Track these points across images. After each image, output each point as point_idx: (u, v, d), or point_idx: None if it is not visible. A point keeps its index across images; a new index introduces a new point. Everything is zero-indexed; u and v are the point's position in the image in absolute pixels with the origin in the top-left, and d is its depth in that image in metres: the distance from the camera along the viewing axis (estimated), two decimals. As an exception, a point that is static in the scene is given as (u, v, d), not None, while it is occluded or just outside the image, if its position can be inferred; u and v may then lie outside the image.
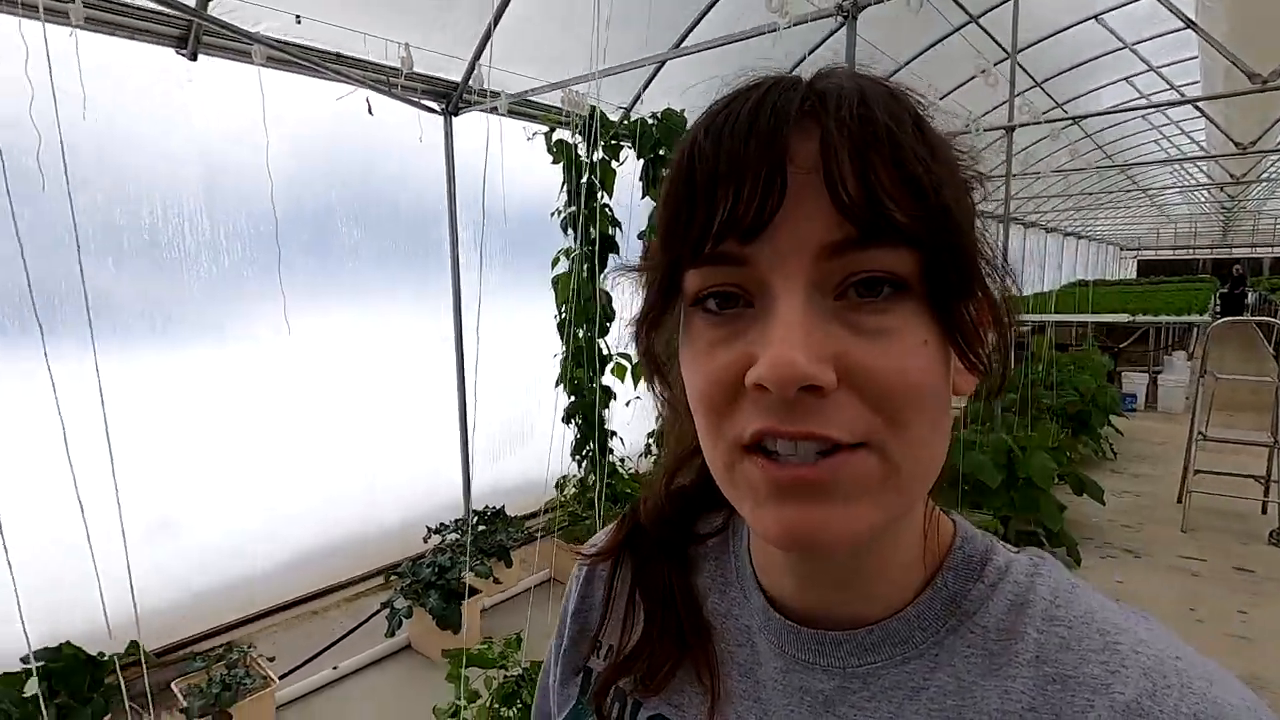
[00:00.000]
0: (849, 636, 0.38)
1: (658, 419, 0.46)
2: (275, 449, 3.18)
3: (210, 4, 2.54)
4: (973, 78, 4.18)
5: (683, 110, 3.40)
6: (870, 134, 0.31)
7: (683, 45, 3.63)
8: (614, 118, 3.48)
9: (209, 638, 2.88)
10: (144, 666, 2.01)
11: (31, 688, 2.22)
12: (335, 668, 2.84)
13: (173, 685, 2.40)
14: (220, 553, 3.04)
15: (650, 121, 3.33)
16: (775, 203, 0.31)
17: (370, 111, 2.96)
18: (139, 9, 2.48)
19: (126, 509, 1.85)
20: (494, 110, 3.30)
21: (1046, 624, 0.35)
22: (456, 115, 3.47)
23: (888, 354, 0.31)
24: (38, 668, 2.24)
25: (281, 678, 2.54)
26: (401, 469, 3.67)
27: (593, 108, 3.06)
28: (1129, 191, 10.50)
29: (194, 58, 2.69)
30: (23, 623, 1.64)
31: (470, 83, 3.30)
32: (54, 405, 1.61)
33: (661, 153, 3.36)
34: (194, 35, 2.63)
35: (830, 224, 0.31)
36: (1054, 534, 3.73)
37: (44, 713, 2.16)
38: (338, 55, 2.91)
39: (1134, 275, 25.29)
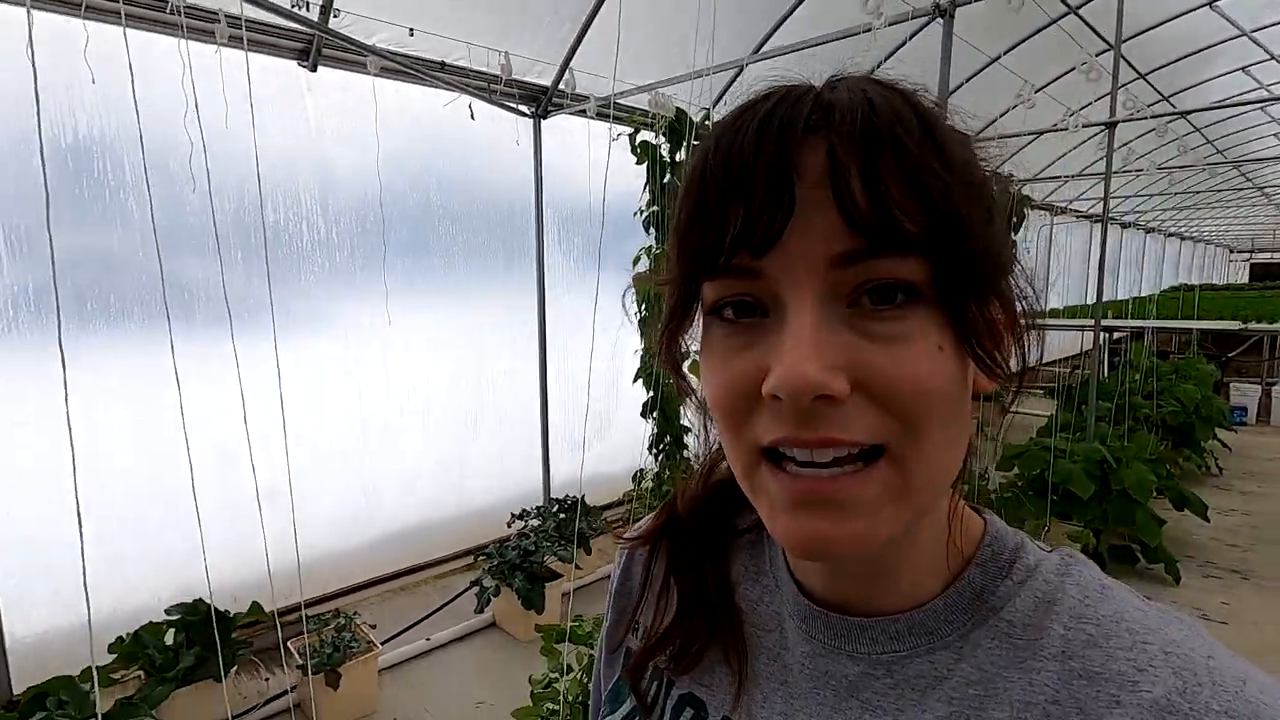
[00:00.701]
0: (875, 624, 0.39)
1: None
2: (375, 432, 3.41)
3: (331, 19, 2.75)
4: (1071, 70, 4.01)
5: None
6: (877, 144, 0.31)
7: (764, 50, 3.65)
8: (696, 118, 3.54)
9: (316, 604, 3.11)
10: (278, 623, 2.22)
11: (170, 638, 2.48)
12: (428, 639, 3.03)
13: (289, 644, 2.62)
14: (326, 527, 3.28)
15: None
16: (784, 218, 0.31)
17: (472, 116, 3.13)
18: (270, 26, 2.71)
19: (248, 484, 2.04)
20: (582, 113, 3.42)
21: (1074, 621, 0.35)
22: (545, 118, 3.61)
23: (901, 360, 0.32)
24: (176, 620, 2.51)
25: (382, 644, 2.73)
26: (488, 456, 3.85)
27: (679, 110, 3.13)
28: (1242, 190, 9.76)
29: (314, 69, 2.92)
30: (190, 582, 1.83)
31: (561, 86, 3.42)
32: (176, 387, 1.80)
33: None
34: (315, 48, 2.86)
35: (840, 235, 0.31)
36: (1151, 550, 3.55)
37: (181, 660, 2.42)
38: (443, 64, 3.09)
39: (1245, 279, 23.40)
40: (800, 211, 0.31)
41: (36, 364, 2.45)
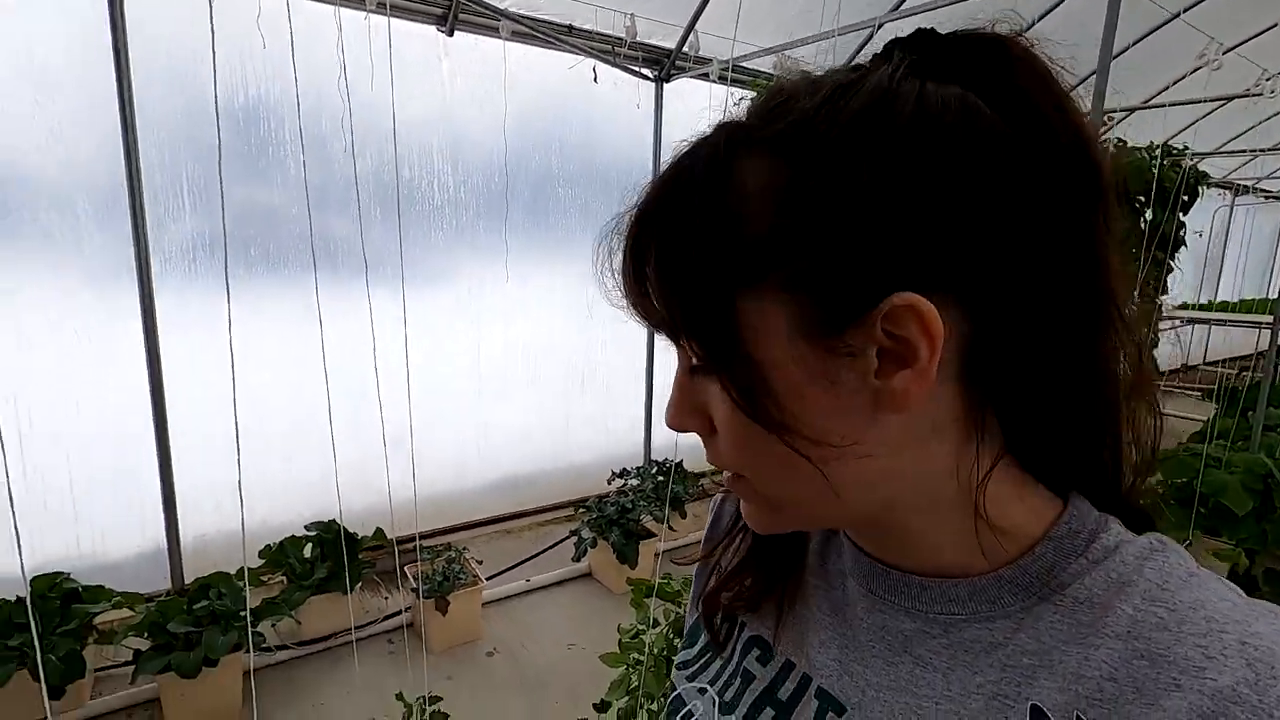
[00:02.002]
0: (935, 584, 0.40)
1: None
2: (492, 383, 3.61)
3: (469, -16, 2.86)
4: (1275, 26, 3.48)
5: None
6: (627, 262, 0.39)
7: (903, 7, 3.41)
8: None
9: (431, 537, 3.38)
10: (396, 550, 2.43)
11: (308, 551, 2.79)
12: (528, 580, 3.22)
13: (406, 569, 2.88)
14: (444, 468, 3.54)
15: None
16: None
17: (595, 80, 3.17)
18: (414, -8, 2.86)
19: (379, 423, 2.23)
20: (704, 76, 3.37)
21: (1146, 603, 0.34)
22: (668, 82, 3.59)
23: (715, 412, 0.39)
24: (313, 536, 2.81)
25: (487, 579, 2.93)
26: (593, 414, 3.98)
27: (804, 73, 3.01)
28: None
29: (451, 33, 3.06)
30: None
31: (685, 50, 3.39)
32: (320, 331, 1.98)
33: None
34: (453, 13, 2.98)
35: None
36: (1319, 579, 3.14)
37: (316, 571, 2.71)
38: (570, 27, 3.14)
39: None
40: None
41: (209, 303, 2.79)
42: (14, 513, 1.24)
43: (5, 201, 2.45)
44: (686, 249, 0.35)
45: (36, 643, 1.18)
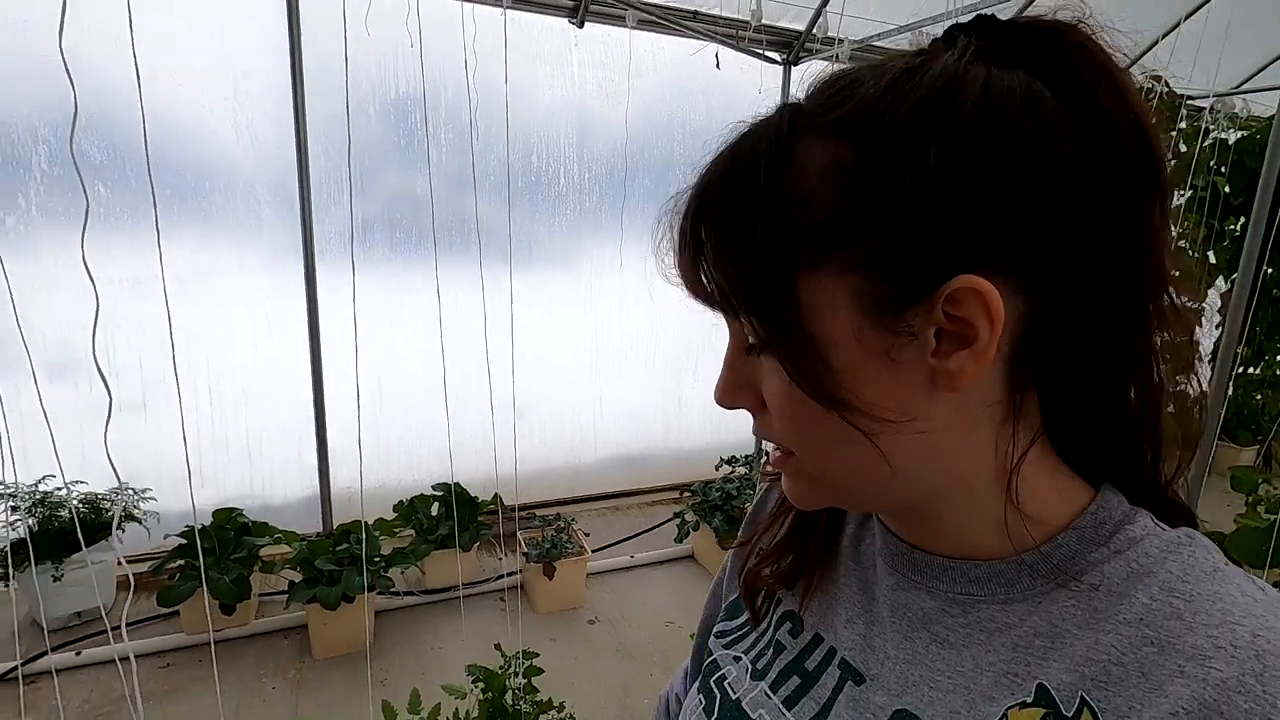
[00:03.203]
0: (956, 564, 0.41)
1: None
2: (607, 365, 3.74)
3: (598, -24, 2.95)
4: None
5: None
6: (686, 239, 0.39)
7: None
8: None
9: (543, 507, 3.57)
10: (515, 516, 2.59)
11: (435, 509, 3.05)
12: (631, 556, 3.32)
13: (518, 534, 3.07)
14: (559, 443, 3.72)
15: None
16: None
17: (718, 66, 3.16)
18: (547, -14, 2.99)
19: (498, 398, 2.38)
20: (834, 58, 3.25)
21: (1163, 593, 0.34)
22: (796, 65, 3.51)
23: (768, 390, 0.39)
24: (439, 496, 3.07)
25: (593, 551, 3.06)
26: (704, 400, 4.01)
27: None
28: None
29: (581, 25, 3.17)
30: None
31: (814, 30, 3.29)
32: (437, 311, 2.14)
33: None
34: (584, 5, 3.09)
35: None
36: None
37: (439, 528, 2.96)
38: (694, 13, 3.15)
39: None
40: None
41: (362, 279, 3.10)
42: (188, 460, 1.47)
43: (208, 187, 2.86)
44: (749, 226, 0.35)
45: (202, 566, 1.39)
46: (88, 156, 2.65)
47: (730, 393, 0.42)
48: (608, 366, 3.76)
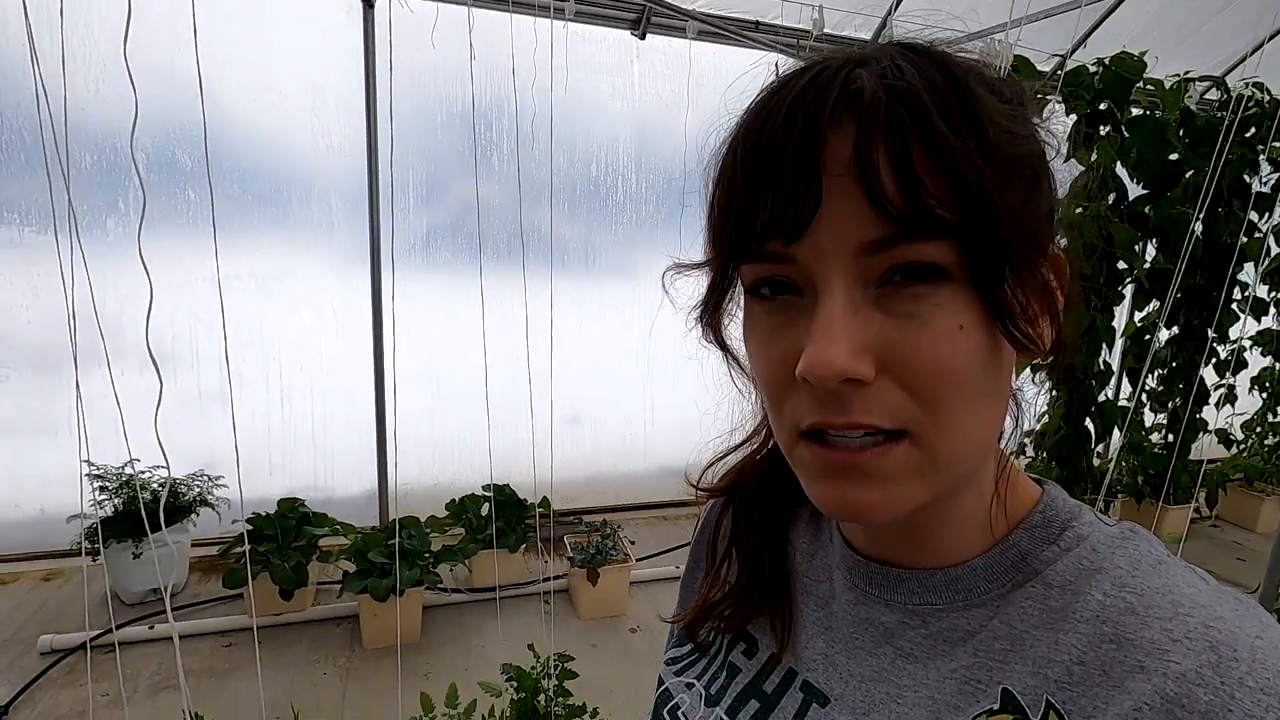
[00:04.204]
0: (912, 576, 0.40)
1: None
2: (659, 374, 3.74)
3: (661, -12, 2.98)
4: None
5: (1142, 53, 2.80)
6: (905, 129, 0.30)
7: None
8: (1044, 68, 3.04)
9: (590, 513, 3.59)
10: (552, 518, 2.63)
11: (485, 509, 3.11)
12: (677, 567, 3.29)
13: (564, 538, 3.09)
14: (611, 450, 3.75)
15: (1092, 70, 2.83)
16: (811, 208, 0.32)
17: (777, 75, 3.14)
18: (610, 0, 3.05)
19: (549, 404, 2.41)
20: (900, 66, 3.18)
21: (1115, 589, 0.34)
22: (860, 74, 3.45)
23: (922, 341, 0.32)
24: (489, 497, 3.13)
25: (637, 560, 3.06)
26: (729, 415, 3.96)
27: (1019, 58, 2.73)
28: None
29: (643, 37, 3.21)
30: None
31: (878, 39, 3.22)
32: (481, 316, 2.19)
33: (1103, 107, 2.84)
34: (645, 18, 3.13)
35: (869, 223, 0.31)
36: None
37: (488, 528, 3.02)
38: (756, 24, 3.14)
39: None
40: (829, 200, 0.32)
41: (427, 284, 3.22)
42: (236, 455, 1.54)
43: (287, 195, 3.03)
44: (1001, 131, 0.32)
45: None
46: (179, 164, 2.85)
47: (858, 353, 0.32)
48: (660, 377, 3.76)
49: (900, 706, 0.39)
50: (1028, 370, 0.42)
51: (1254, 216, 3.28)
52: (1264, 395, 4.02)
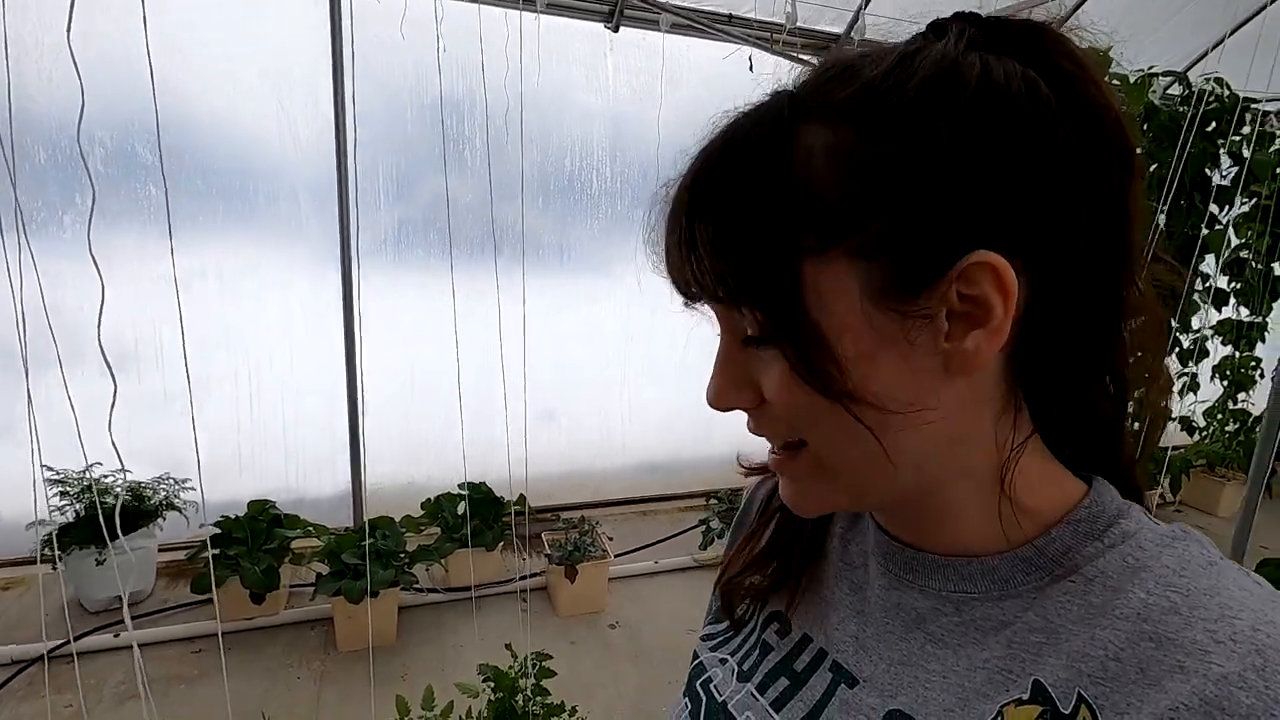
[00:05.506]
0: (948, 562, 0.41)
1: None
2: (637, 369, 3.73)
3: (633, -20, 2.96)
4: None
5: (1108, 49, 2.85)
6: (691, 218, 0.37)
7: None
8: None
9: (568, 510, 3.58)
10: (529, 515, 2.60)
11: (461, 507, 3.08)
12: (656, 562, 3.30)
13: (542, 535, 3.07)
14: (589, 446, 3.73)
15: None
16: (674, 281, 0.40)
17: (751, 69, 3.13)
18: (582, -9, 3.02)
19: (524, 401, 2.39)
20: (872, 60, 3.20)
21: (1159, 587, 0.33)
22: (833, 68, 3.46)
23: (768, 385, 0.38)
24: (465, 495, 3.09)
25: (615, 556, 3.05)
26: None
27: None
28: None
29: (616, 29, 3.18)
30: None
31: (852, 34, 3.24)
32: (454, 312, 2.16)
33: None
34: (619, 9, 3.10)
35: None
36: None
37: (465, 526, 2.98)
38: (729, 17, 3.14)
39: None
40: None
41: (395, 281, 3.17)
42: (198, 458, 1.50)
43: (254, 189, 2.96)
44: (753, 212, 0.34)
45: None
46: (139, 158, 2.77)
47: (727, 391, 0.40)
48: (638, 372, 3.75)
49: (928, 691, 0.39)
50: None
51: (1214, 209, 3.36)
52: (1224, 383, 4.13)
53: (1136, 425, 0.42)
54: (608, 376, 3.71)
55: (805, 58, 3.36)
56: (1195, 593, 0.32)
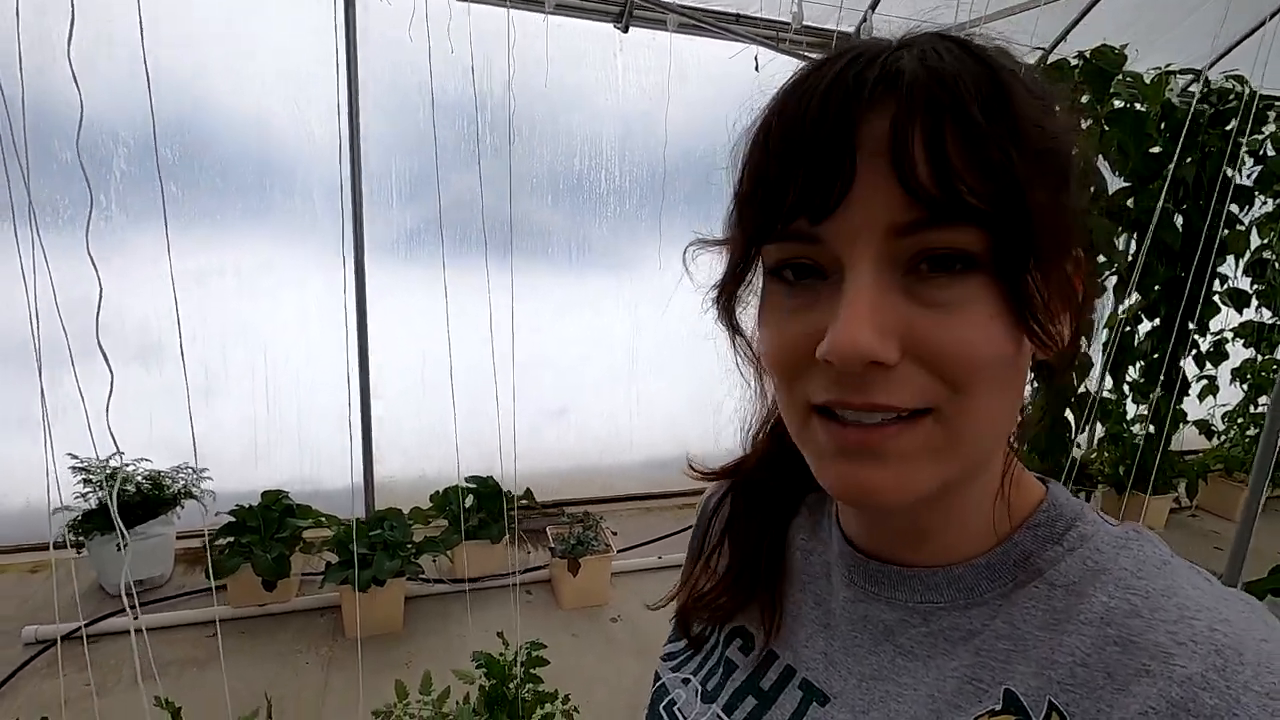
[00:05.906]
0: (914, 574, 0.40)
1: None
2: (646, 366, 3.76)
3: (642, -19, 2.98)
4: None
5: (1123, 46, 2.81)
6: (942, 113, 0.30)
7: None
8: (1028, 60, 3.05)
9: (574, 505, 3.62)
10: (536, 509, 2.65)
11: (468, 501, 3.13)
12: (659, 558, 3.33)
13: (547, 529, 3.12)
14: (595, 442, 3.77)
15: (1074, 63, 2.84)
16: (843, 186, 0.31)
17: (757, 68, 3.14)
18: (592, -8, 3.05)
19: (531, 397, 2.44)
20: (882, 59, 3.19)
21: (1120, 590, 0.34)
22: (843, 67, 3.45)
23: (952, 328, 0.32)
24: (473, 488, 3.15)
25: (619, 551, 3.09)
26: (740, 404, 3.99)
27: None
28: None
29: (626, 30, 3.21)
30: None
31: (860, 32, 3.23)
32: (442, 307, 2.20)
33: (1084, 100, 2.85)
34: (628, 10, 3.12)
35: (900, 205, 0.31)
36: None
37: (471, 519, 3.04)
38: (737, 16, 3.14)
39: None
40: (860, 180, 0.31)
41: (407, 277, 3.23)
42: (194, 448, 1.56)
43: (270, 187, 3.04)
44: (1041, 123, 0.32)
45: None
46: (161, 156, 2.85)
47: (879, 339, 0.31)
48: (646, 369, 3.78)
49: (900, 705, 0.39)
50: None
51: (1234, 209, 3.29)
52: (1244, 387, 4.04)
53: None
54: (616, 373, 3.75)
55: (812, 56, 3.36)
56: (1154, 594, 0.33)
